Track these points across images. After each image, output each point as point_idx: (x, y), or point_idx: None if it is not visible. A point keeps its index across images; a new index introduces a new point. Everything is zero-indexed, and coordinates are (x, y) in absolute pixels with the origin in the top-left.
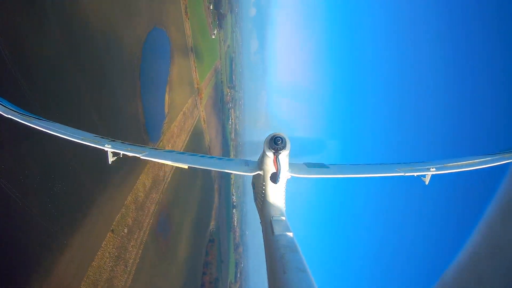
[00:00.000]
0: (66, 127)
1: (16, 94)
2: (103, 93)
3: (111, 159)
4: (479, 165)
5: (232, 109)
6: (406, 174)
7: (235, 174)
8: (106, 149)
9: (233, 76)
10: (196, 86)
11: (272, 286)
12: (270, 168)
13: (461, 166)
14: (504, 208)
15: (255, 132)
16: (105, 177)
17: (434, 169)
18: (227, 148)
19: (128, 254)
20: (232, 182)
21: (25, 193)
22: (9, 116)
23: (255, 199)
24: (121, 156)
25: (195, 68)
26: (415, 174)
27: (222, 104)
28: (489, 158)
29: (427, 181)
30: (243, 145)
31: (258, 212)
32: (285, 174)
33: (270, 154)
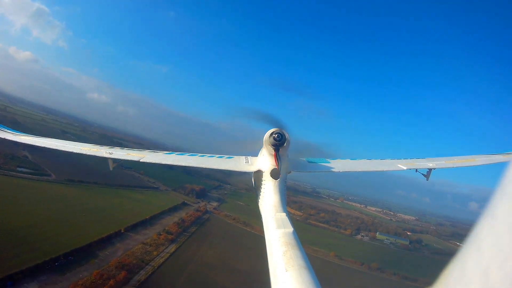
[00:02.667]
0: (64, 141)
1: None
2: None
3: (112, 165)
4: (478, 163)
5: None
6: (407, 169)
7: (235, 171)
8: (106, 156)
9: None
10: None
11: (274, 283)
12: (270, 164)
13: (460, 164)
14: (505, 206)
15: None
16: None
17: (433, 165)
18: None
19: None
20: None
21: None
22: (12, 139)
23: (256, 196)
24: (121, 162)
25: None
26: (416, 169)
27: None
28: (487, 157)
29: (427, 178)
30: None
31: (260, 208)
32: (286, 169)
33: (270, 150)
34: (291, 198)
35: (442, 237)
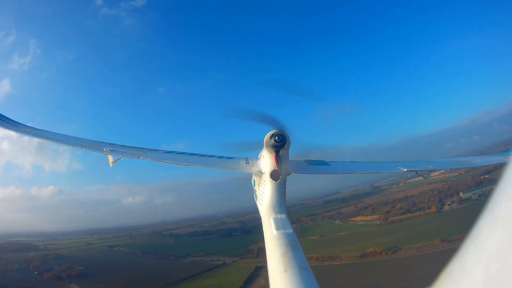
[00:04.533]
0: (65, 135)
1: None
2: None
3: (112, 162)
4: (478, 164)
5: None
6: (407, 171)
7: (236, 172)
8: (105, 153)
9: None
10: None
11: (273, 285)
12: (270, 165)
13: (460, 165)
14: (505, 206)
15: None
16: None
17: (433, 167)
18: None
19: None
20: None
21: None
22: (14, 130)
23: (256, 197)
24: (121, 159)
25: None
26: (416, 171)
27: None
28: (487, 158)
29: (427, 179)
30: None
31: (259, 209)
32: (286, 171)
33: (270, 151)
34: (360, 205)
35: None
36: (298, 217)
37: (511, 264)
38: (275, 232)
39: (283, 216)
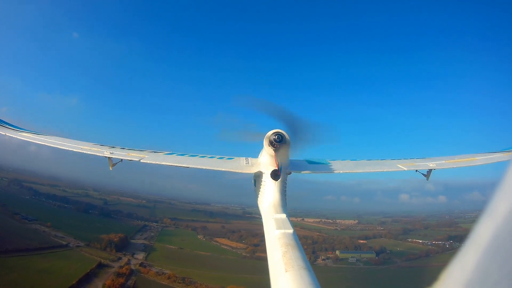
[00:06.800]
0: (65, 139)
1: None
2: None
3: (111, 165)
4: (478, 162)
5: None
6: (407, 169)
7: (236, 172)
8: (106, 156)
9: None
10: None
11: (274, 284)
12: (270, 165)
13: (461, 163)
14: (505, 206)
15: None
16: None
17: (434, 165)
18: None
19: None
20: None
21: None
22: (13, 135)
23: (257, 197)
24: (121, 161)
25: None
26: (416, 169)
27: None
28: (488, 156)
29: (428, 178)
30: None
31: (260, 209)
32: (286, 170)
33: (270, 151)
34: (228, 227)
35: (398, 238)
36: (161, 217)
37: (511, 264)
38: (276, 232)
39: (284, 215)
